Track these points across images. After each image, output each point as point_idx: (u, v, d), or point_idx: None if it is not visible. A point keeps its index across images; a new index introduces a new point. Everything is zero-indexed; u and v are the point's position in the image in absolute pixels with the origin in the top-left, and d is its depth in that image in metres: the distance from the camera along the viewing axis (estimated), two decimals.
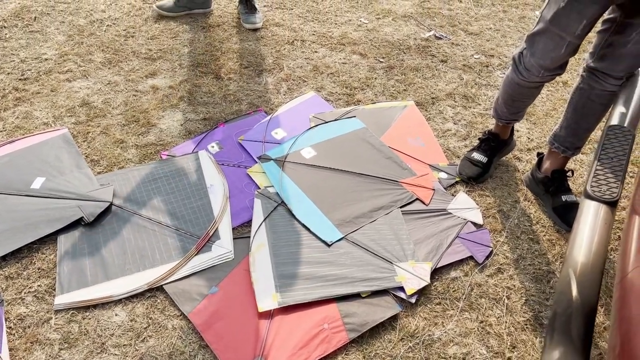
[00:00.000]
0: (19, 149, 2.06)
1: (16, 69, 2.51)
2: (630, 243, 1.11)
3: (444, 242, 1.86)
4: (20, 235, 1.74)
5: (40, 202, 1.85)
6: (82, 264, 1.69)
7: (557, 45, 1.65)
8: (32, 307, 1.59)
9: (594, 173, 1.39)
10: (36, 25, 2.83)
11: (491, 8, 3.42)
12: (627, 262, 1.06)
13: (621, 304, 0.98)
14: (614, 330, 0.97)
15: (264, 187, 2.01)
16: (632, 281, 0.97)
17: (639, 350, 0.85)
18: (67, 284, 1.63)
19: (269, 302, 1.63)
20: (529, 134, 2.40)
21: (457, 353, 1.57)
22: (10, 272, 1.67)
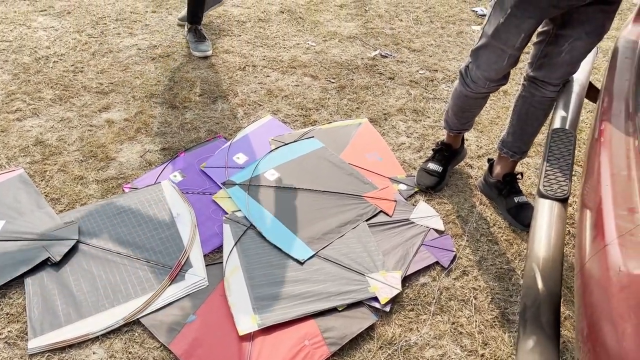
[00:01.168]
0: None
1: None
2: (584, 234, 1.22)
3: (411, 251, 1.94)
4: None
5: (2, 246, 1.80)
6: (53, 304, 1.66)
7: (499, 57, 1.78)
8: (4, 353, 1.55)
9: (544, 174, 1.51)
10: None
11: (430, 25, 3.60)
12: (584, 252, 1.16)
13: (584, 291, 1.07)
14: (580, 316, 1.07)
15: (231, 212, 2.04)
16: (590, 269, 1.06)
17: (604, 331, 0.94)
18: (40, 326, 1.60)
19: (248, 324, 1.65)
20: (477, 142, 2.54)
21: (433, 355, 1.64)
22: None
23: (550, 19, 1.76)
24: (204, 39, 3.02)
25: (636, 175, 1.17)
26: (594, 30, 1.72)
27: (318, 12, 3.65)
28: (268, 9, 3.64)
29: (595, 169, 1.32)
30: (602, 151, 1.31)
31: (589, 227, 1.22)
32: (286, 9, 3.66)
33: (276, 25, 3.44)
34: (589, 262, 1.10)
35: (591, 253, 1.10)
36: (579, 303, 1.11)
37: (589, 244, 1.15)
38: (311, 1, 3.80)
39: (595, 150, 1.40)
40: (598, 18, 1.70)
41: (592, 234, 1.16)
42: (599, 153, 1.32)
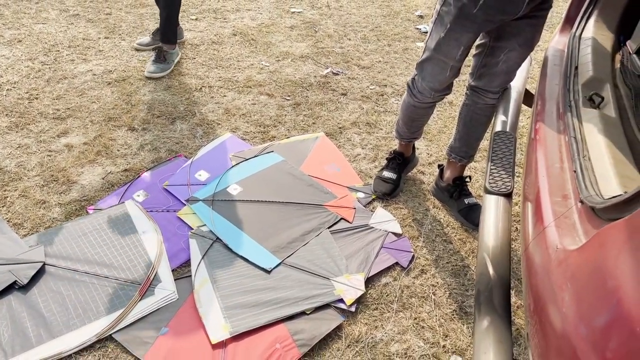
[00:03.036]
0: None
1: None
2: (527, 222, 1.35)
3: (372, 254, 2.04)
4: None
5: None
6: (23, 326, 1.66)
7: (442, 69, 1.93)
8: None
9: (489, 172, 1.64)
10: None
11: (377, 43, 3.77)
12: (527, 237, 1.29)
13: (528, 270, 1.19)
14: (527, 292, 1.19)
15: (196, 227, 2.09)
16: (533, 250, 1.19)
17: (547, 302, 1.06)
18: (11, 349, 1.60)
19: (220, 333, 1.70)
20: (427, 151, 2.69)
21: (398, 350, 1.74)
22: None
23: (487, 32, 1.93)
24: (163, 60, 3.07)
25: (568, 166, 1.32)
26: (525, 42, 1.90)
27: (270, 34, 3.77)
28: (220, 32, 3.73)
29: (533, 164, 1.47)
30: (538, 148, 1.45)
31: (530, 216, 1.35)
32: (238, 31, 3.76)
33: (229, 48, 3.53)
34: (531, 245, 1.22)
35: (533, 236, 1.23)
36: (525, 282, 1.23)
37: (531, 229, 1.28)
38: (262, 24, 3.91)
39: (532, 148, 1.55)
40: (528, 31, 1.87)
41: (533, 220, 1.29)
42: (536, 150, 1.46)
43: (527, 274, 1.21)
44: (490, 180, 1.62)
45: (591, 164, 1.22)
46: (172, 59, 3.15)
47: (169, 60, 3.12)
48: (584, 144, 1.29)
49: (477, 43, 1.99)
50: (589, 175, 1.18)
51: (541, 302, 1.07)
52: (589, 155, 1.25)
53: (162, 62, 3.08)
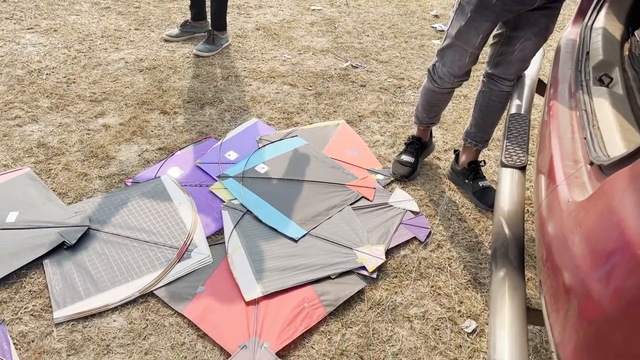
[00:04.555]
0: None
1: None
2: (540, 188, 1.49)
3: (391, 228, 2.17)
4: (5, 263, 1.83)
5: (19, 233, 1.95)
6: (73, 281, 1.81)
7: (462, 56, 2.07)
8: (32, 324, 1.69)
9: (505, 149, 1.78)
10: None
11: (394, 40, 3.92)
12: (540, 197, 1.42)
13: (541, 224, 1.33)
14: (540, 244, 1.32)
15: (228, 200, 2.23)
16: (546, 206, 1.32)
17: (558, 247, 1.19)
18: (62, 300, 1.75)
19: (253, 292, 1.84)
20: (443, 139, 2.83)
21: (417, 313, 1.87)
22: (2, 297, 1.76)
23: (504, 22, 2.06)
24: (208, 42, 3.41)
25: (579, 136, 1.45)
26: (540, 31, 2.03)
27: (291, 29, 3.92)
28: (244, 26, 3.90)
29: (546, 138, 1.60)
30: (551, 122, 1.59)
31: (543, 182, 1.49)
32: (261, 26, 3.92)
33: (253, 41, 3.69)
34: (544, 202, 1.36)
35: (546, 194, 1.37)
36: (538, 236, 1.37)
37: (544, 190, 1.41)
38: (284, 19, 4.07)
39: (545, 125, 1.68)
40: (543, 21, 2.01)
41: (546, 183, 1.42)
42: (549, 123, 1.60)
43: (540, 228, 1.34)
44: (506, 155, 1.75)
45: (600, 132, 1.36)
46: (220, 42, 3.45)
47: (217, 43, 3.41)
48: (594, 115, 1.43)
49: (494, 33, 2.13)
50: (598, 141, 1.32)
51: (553, 249, 1.21)
52: (598, 125, 1.38)
53: (211, 44, 3.38)
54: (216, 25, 3.44)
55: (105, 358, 1.61)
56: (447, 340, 1.78)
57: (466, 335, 1.80)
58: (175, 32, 3.55)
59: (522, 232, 1.46)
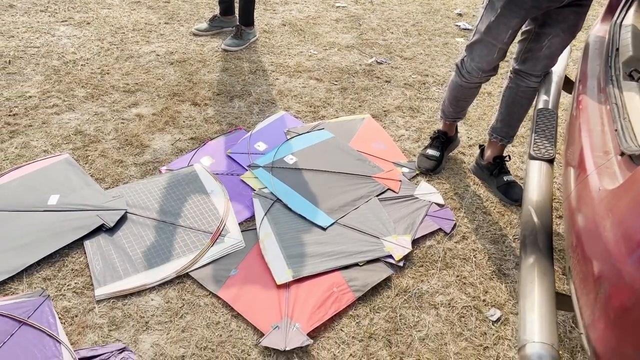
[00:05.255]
0: (27, 173, 2.22)
1: (3, 106, 2.67)
2: (569, 180, 1.53)
3: (417, 220, 2.22)
4: (48, 243, 1.91)
5: (60, 215, 2.03)
6: (112, 261, 1.89)
7: (490, 51, 2.11)
8: (74, 300, 1.77)
9: (533, 142, 1.82)
10: (12, 68, 2.99)
11: (418, 37, 3.96)
12: (569, 187, 1.47)
13: (570, 213, 1.37)
14: (569, 232, 1.36)
15: (258, 189, 2.30)
16: (576, 195, 1.37)
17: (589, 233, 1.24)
18: (103, 278, 1.83)
19: (284, 276, 1.90)
20: (468, 134, 2.86)
21: (443, 300, 1.92)
22: (46, 274, 1.84)
23: (532, 18, 2.10)
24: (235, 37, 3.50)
25: (609, 129, 1.49)
26: (568, 28, 2.06)
27: (316, 25, 3.98)
28: (270, 22, 3.96)
29: (576, 131, 1.64)
30: (581, 116, 1.63)
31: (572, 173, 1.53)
32: (287, 22, 3.99)
33: (279, 36, 3.76)
34: (574, 191, 1.40)
35: (576, 184, 1.41)
36: (567, 224, 1.41)
37: (574, 181, 1.45)
38: (309, 16, 4.13)
39: (574, 120, 1.72)
40: (572, 18, 2.04)
41: (575, 173, 1.46)
42: (579, 117, 1.64)
43: (569, 217, 1.39)
44: (534, 148, 1.79)
45: (631, 124, 1.40)
46: (248, 37, 3.52)
47: (244, 38, 3.49)
48: (624, 108, 1.47)
49: (522, 29, 2.16)
50: (629, 132, 1.35)
51: (584, 235, 1.25)
52: (629, 117, 1.42)
53: (239, 39, 3.44)
54: (244, 20, 3.52)
55: (144, 334, 1.69)
56: (472, 328, 1.83)
57: (491, 323, 1.85)
58: (204, 27, 3.63)
59: (550, 222, 1.51)
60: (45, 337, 1.60)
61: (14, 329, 1.61)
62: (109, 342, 1.65)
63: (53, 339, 1.59)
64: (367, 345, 1.73)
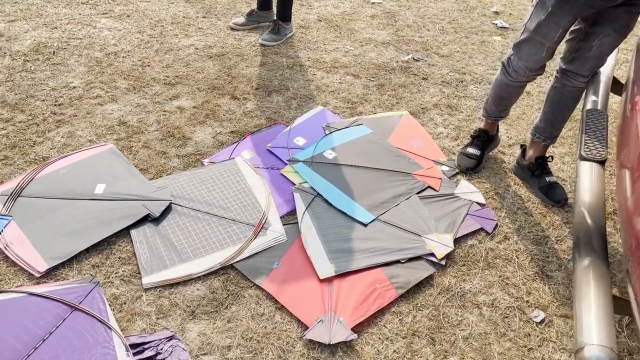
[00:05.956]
0: (74, 162, 2.27)
1: (49, 96, 2.72)
2: (624, 183, 1.50)
3: (458, 219, 2.21)
4: (97, 231, 1.95)
5: (107, 204, 2.07)
6: (158, 251, 1.92)
7: (539, 50, 2.08)
8: (122, 288, 1.80)
9: (584, 143, 1.80)
10: (56, 59, 3.05)
11: (455, 35, 3.92)
12: (625, 194, 1.44)
13: (627, 216, 1.35)
14: (628, 236, 1.34)
15: (299, 184, 2.31)
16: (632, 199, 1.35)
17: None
18: (149, 267, 1.86)
19: (326, 270, 1.91)
20: (507, 134, 2.83)
21: (486, 300, 1.91)
22: (95, 261, 1.88)
23: (583, 17, 2.07)
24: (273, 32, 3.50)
25: None
26: (620, 28, 2.03)
27: (352, 21, 3.98)
28: (306, 17, 3.97)
29: (632, 133, 1.61)
30: (637, 116, 1.60)
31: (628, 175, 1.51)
32: (323, 18, 3.99)
33: (315, 32, 3.76)
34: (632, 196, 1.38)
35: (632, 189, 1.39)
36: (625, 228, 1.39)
37: (631, 183, 1.43)
38: (345, 12, 4.13)
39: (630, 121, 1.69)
40: (624, 18, 2.00)
41: (632, 176, 1.44)
42: (635, 119, 1.61)
43: (627, 220, 1.37)
44: (585, 149, 1.77)
45: None
46: (284, 32, 3.52)
47: (281, 33, 3.49)
48: None
49: (572, 28, 2.13)
50: None
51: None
52: None
53: (276, 34, 3.45)
54: (282, 15, 3.53)
55: (191, 323, 1.72)
56: (516, 328, 1.82)
57: (535, 325, 1.83)
58: (241, 21, 3.65)
59: (603, 223, 1.49)
60: (97, 322, 1.64)
61: (66, 314, 1.65)
62: (157, 329, 1.68)
63: (104, 325, 1.63)
64: (410, 342, 1.73)
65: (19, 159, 2.30)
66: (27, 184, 2.13)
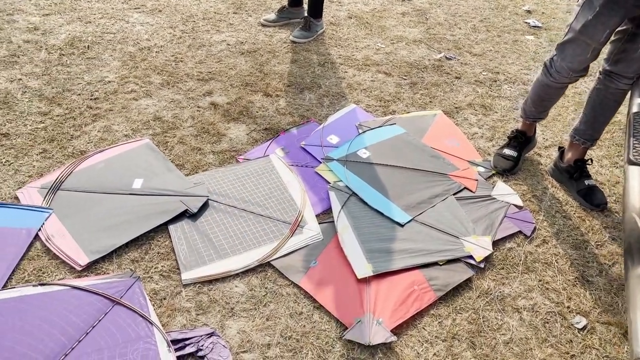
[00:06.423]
0: (111, 156, 2.28)
1: (85, 90, 2.74)
2: None
3: (496, 221, 2.18)
4: (135, 226, 1.96)
5: (145, 199, 2.08)
6: (196, 246, 1.92)
7: (584, 50, 2.04)
8: (162, 283, 1.81)
9: (632, 146, 1.75)
10: (91, 53, 3.08)
11: (487, 33, 3.87)
12: None
13: None
14: None
15: (333, 182, 2.30)
16: None
17: None
18: (188, 263, 1.86)
19: (364, 270, 1.90)
20: (543, 135, 2.79)
21: (525, 305, 1.88)
22: (134, 256, 1.89)
23: (630, 18, 2.02)
24: (309, 29, 3.49)
25: None
26: None
27: (383, 19, 3.94)
28: (337, 14, 3.95)
29: None
30: None
31: None
32: (353, 15, 3.96)
33: (346, 29, 3.74)
34: None
35: None
36: None
37: None
38: (375, 9, 4.09)
39: None
40: None
41: None
42: None
43: None
44: (634, 153, 1.73)
45: None
46: (315, 29, 3.51)
47: (312, 30, 3.47)
48: None
49: (618, 29, 2.08)
50: None
51: None
52: None
53: (307, 31, 3.43)
54: (313, 12, 3.51)
55: (230, 320, 1.71)
56: (557, 334, 1.78)
57: (577, 331, 1.80)
58: (272, 17, 3.64)
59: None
60: (138, 317, 1.64)
61: (108, 308, 1.66)
62: (196, 325, 1.68)
63: (145, 320, 1.63)
64: (450, 345, 1.71)
65: (57, 152, 2.32)
66: (66, 177, 2.15)
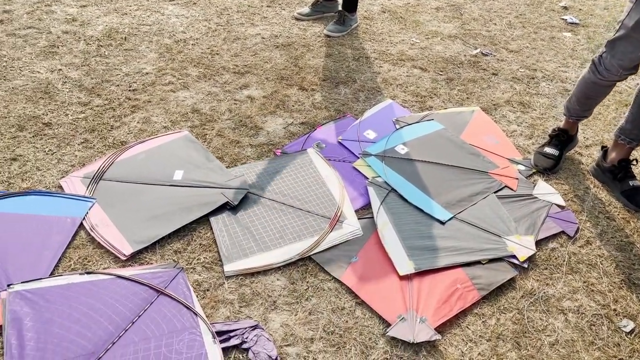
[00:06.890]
0: (152, 147, 2.30)
1: (123, 82, 2.76)
2: None
3: (538, 221, 2.14)
4: (177, 217, 1.97)
5: (186, 190, 2.09)
6: (238, 239, 1.92)
7: (636, 48, 1.99)
8: (204, 275, 1.82)
9: None
10: (128, 45, 3.10)
11: (523, 30, 3.80)
12: None
13: None
14: None
15: (372, 178, 2.28)
16: None
17: None
18: (230, 255, 1.86)
19: (406, 267, 1.88)
20: (584, 134, 2.73)
21: (571, 306, 1.84)
22: (177, 247, 1.90)
23: None
24: (343, 23, 3.47)
25: None
26: None
27: (417, 13, 3.90)
28: (370, 8, 3.92)
29: None
30: None
31: None
32: (387, 9, 3.93)
33: (380, 23, 3.71)
34: None
35: None
36: None
37: None
38: (409, 3, 4.05)
39: None
40: None
41: None
42: None
43: None
44: None
45: None
46: (349, 23, 3.47)
47: (346, 24, 3.44)
48: None
49: None
50: None
51: None
52: None
53: (341, 25, 3.42)
54: (347, 6, 3.49)
55: (273, 313, 1.71)
56: (604, 337, 1.75)
57: (624, 335, 1.76)
58: (306, 11, 3.62)
59: None
60: (183, 308, 1.65)
61: (153, 298, 1.67)
62: (240, 318, 1.69)
63: (190, 311, 1.64)
64: (495, 345, 1.69)
65: (98, 142, 2.34)
66: (107, 167, 2.16)
